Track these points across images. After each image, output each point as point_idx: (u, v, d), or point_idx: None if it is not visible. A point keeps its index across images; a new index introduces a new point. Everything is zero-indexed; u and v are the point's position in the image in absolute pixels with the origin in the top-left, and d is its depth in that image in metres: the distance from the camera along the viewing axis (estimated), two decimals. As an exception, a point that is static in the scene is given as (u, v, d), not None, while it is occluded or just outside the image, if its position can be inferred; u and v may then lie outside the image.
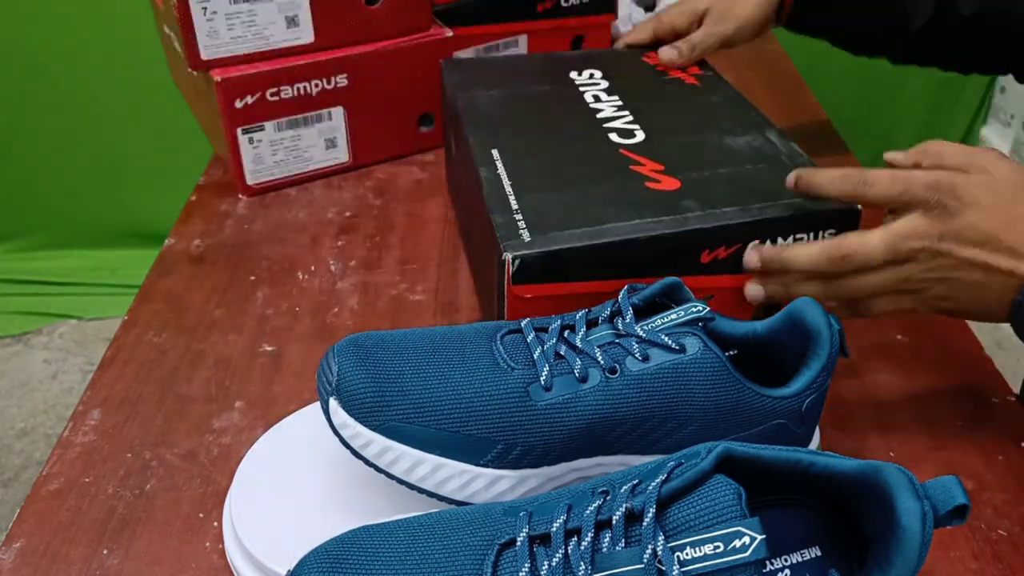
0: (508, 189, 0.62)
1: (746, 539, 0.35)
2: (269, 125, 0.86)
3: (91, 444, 0.60)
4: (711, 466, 0.37)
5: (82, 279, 2.07)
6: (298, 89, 0.85)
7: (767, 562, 0.41)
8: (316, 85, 0.86)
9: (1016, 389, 0.65)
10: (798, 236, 0.60)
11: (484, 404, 0.47)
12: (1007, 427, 0.60)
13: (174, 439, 0.60)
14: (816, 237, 0.60)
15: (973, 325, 0.71)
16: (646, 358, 0.48)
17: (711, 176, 0.63)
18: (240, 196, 0.89)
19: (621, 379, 0.47)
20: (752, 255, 0.58)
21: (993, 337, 1.85)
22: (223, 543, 0.52)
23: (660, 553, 0.35)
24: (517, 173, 0.64)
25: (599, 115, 0.73)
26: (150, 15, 0.97)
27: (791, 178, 0.59)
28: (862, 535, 0.40)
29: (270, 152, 0.87)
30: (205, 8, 0.80)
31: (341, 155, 0.92)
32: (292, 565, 0.41)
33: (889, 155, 0.54)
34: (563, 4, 1.03)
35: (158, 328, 0.71)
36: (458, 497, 0.48)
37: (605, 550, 0.36)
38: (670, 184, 0.62)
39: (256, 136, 0.86)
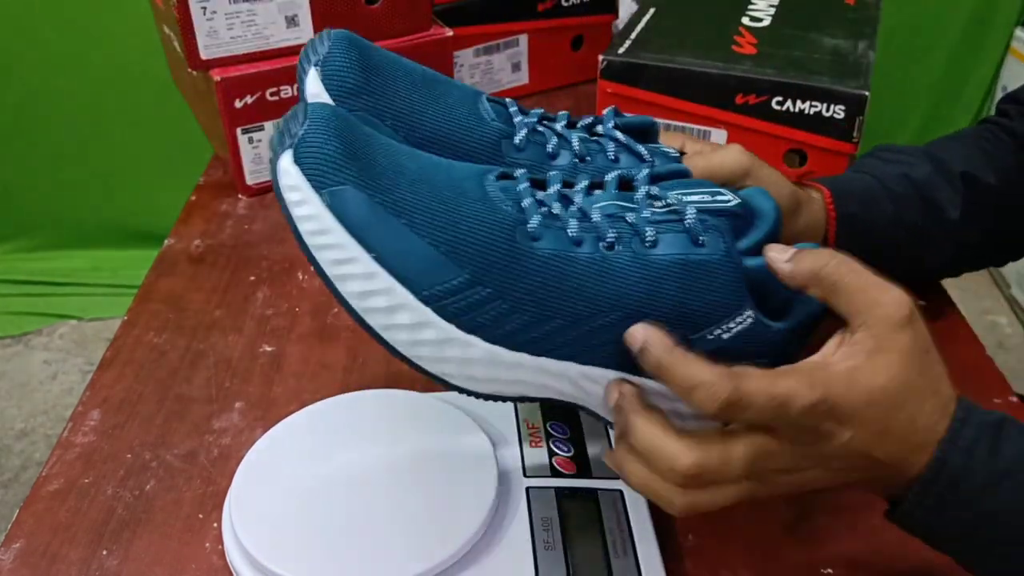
0: (643, 23, 0.88)
1: (728, 196, 0.44)
2: (269, 125, 0.86)
3: (91, 445, 0.60)
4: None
5: (82, 279, 2.07)
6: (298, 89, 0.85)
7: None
8: (316, 85, 0.86)
9: (1018, 389, 0.65)
10: (813, 104, 0.76)
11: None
12: (1008, 427, 0.60)
13: (174, 440, 0.60)
14: (828, 110, 0.76)
15: (973, 324, 0.71)
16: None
17: (783, 53, 0.82)
18: (240, 196, 0.89)
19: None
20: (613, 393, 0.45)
21: (995, 337, 1.85)
22: (223, 544, 0.52)
23: (652, 191, 0.44)
24: (658, 15, 0.91)
25: (751, 4, 0.94)
26: (150, 15, 0.97)
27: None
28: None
29: (270, 152, 0.87)
30: (205, 8, 0.80)
31: (341, 155, 0.91)
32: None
33: (772, 255, 0.43)
34: (563, 4, 1.03)
35: (158, 329, 0.70)
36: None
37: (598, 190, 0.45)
38: (749, 51, 0.83)
39: (256, 136, 0.86)
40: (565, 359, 0.43)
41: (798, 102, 0.78)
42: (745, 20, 0.90)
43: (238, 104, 0.83)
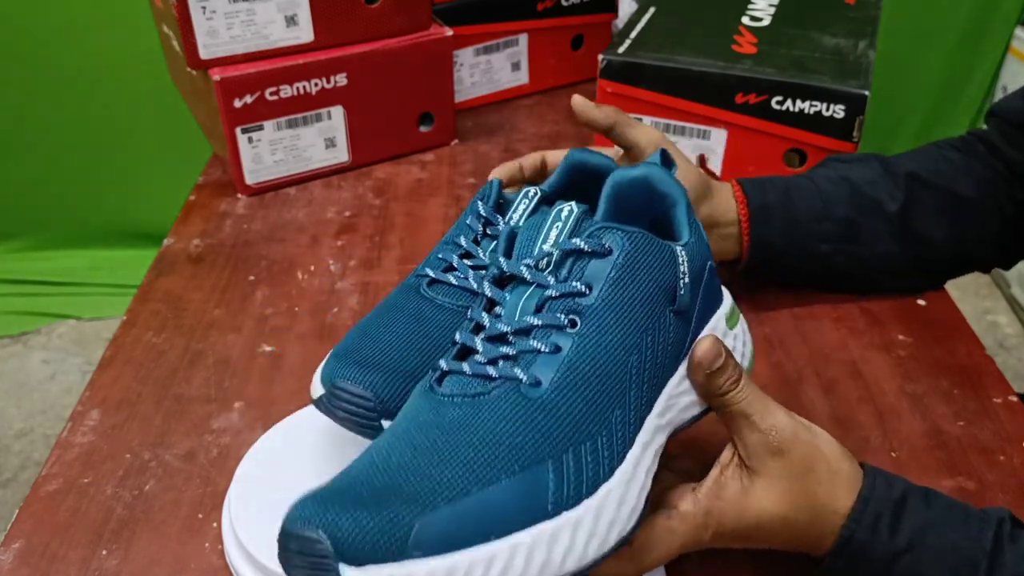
0: (643, 22, 0.89)
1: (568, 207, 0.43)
2: (268, 124, 0.86)
3: (90, 445, 0.60)
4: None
5: (81, 279, 2.06)
6: (297, 88, 0.85)
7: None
8: (315, 84, 0.86)
9: (1017, 388, 0.65)
10: (813, 104, 0.77)
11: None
12: (1009, 427, 0.60)
13: (173, 440, 0.60)
14: (828, 109, 0.76)
15: (973, 324, 0.71)
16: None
17: (783, 53, 0.83)
18: (239, 196, 0.89)
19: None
20: None
21: (994, 337, 1.85)
22: (222, 544, 0.52)
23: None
24: (658, 15, 0.92)
25: (750, 4, 0.95)
26: (149, 15, 0.97)
27: None
28: None
29: (269, 152, 0.87)
30: (204, 7, 0.80)
31: (341, 155, 0.91)
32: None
33: (701, 355, 0.44)
34: (563, 3, 1.03)
35: (157, 328, 0.70)
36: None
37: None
38: (749, 50, 0.83)
39: (255, 135, 0.86)
40: None
41: (798, 101, 0.78)
42: (745, 19, 0.90)
43: (237, 103, 0.83)
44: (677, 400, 0.44)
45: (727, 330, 0.48)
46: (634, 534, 0.41)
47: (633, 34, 0.87)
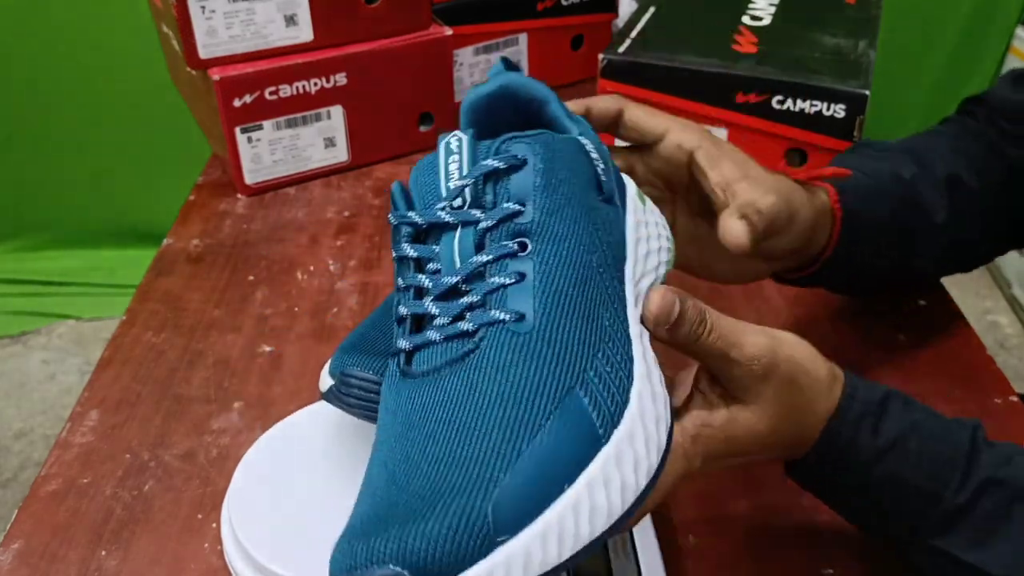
0: (643, 22, 0.89)
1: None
2: (268, 124, 0.86)
3: (89, 445, 0.60)
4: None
5: (80, 279, 2.06)
6: (297, 88, 0.85)
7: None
8: (315, 84, 0.86)
9: (1018, 388, 0.64)
10: (814, 103, 0.77)
11: None
12: (1009, 427, 0.60)
13: (172, 440, 0.60)
14: (828, 108, 0.76)
15: (973, 324, 0.71)
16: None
17: (784, 52, 0.82)
18: (239, 196, 0.88)
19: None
20: None
21: (995, 337, 1.85)
22: (221, 544, 0.51)
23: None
24: (659, 14, 0.91)
25: (751, 3, 0.94)
26: (148, 14, 0.97)
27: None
28: None
29: (269, 151, 0.87)
30: (203, 7, 0.80)
31: (340, 154, 0.91)
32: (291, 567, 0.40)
33: (655, 311, 0.41)
34: (563, 3, 1.03)
35: (156, 328, 0.70)
36: None
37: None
38: (749, 49, 0.83)
39: (255, 135, 0.86)
40: None
41: (798, 101, 0.77)
42: (745, 19, 0.90)
43: (237, 103, 0.83)
44: (639, 285, 0.42)
45: (641, 206, 0.45)
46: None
47: (633, 34, 0.86)
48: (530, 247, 0.37)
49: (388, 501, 0.33)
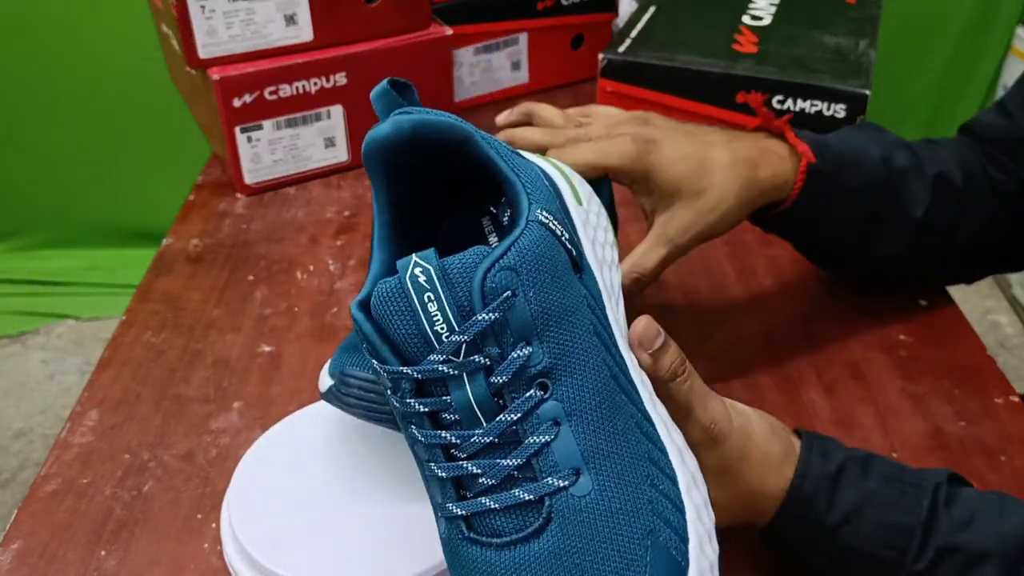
0: (643, 21, 0.90)
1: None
2: (268, 124, 0.86)
3: (89, 445, 0.60)
4: None
5: (80, 279, 2.06)
6: (297, 88, 0.85)
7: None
8: (315, 84, 0.86)
9: (1018, 388, 0.64)
10: (814, 103, 0.78)
11: None
12: (1010, 427, 0.60)
13: (172, 440, 0.60)
14: (829, 108, 0.77)
15: (974, 324, 0.71)
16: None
17: (784, 52, 0.83)
18: (238, 195, 0.88)
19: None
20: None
21: (995, 337, 1.85)
22: (221, 544, 0.51)
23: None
24: (659, 14, 0.92)
25: (751, 3, 0.95)
26: (148, 14, 0.97)
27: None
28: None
29: (268, 151, 0.87)
30: (203, 7, 0.79)
31: (340, 154, 0.91)
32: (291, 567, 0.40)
33: (640, 334, 0.42)
34: (563, 2, 1.03)
35: (156, 328, 0.70)
36: None
37: None
38: (750, 49, 0.84)
39: (255, 135, 0.85)
40: None
41: (799, 100, 0.77)
42: (746, 19, 0.90)
43: (237, 103, 0.83)
44: (619, 320, 0.41)
45: (579, 207, 0.43)
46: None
47: (633, 33, 0.86)
48: (551, 388, 0.35)
49: None
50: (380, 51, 0.88)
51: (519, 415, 0.34)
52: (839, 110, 0.76)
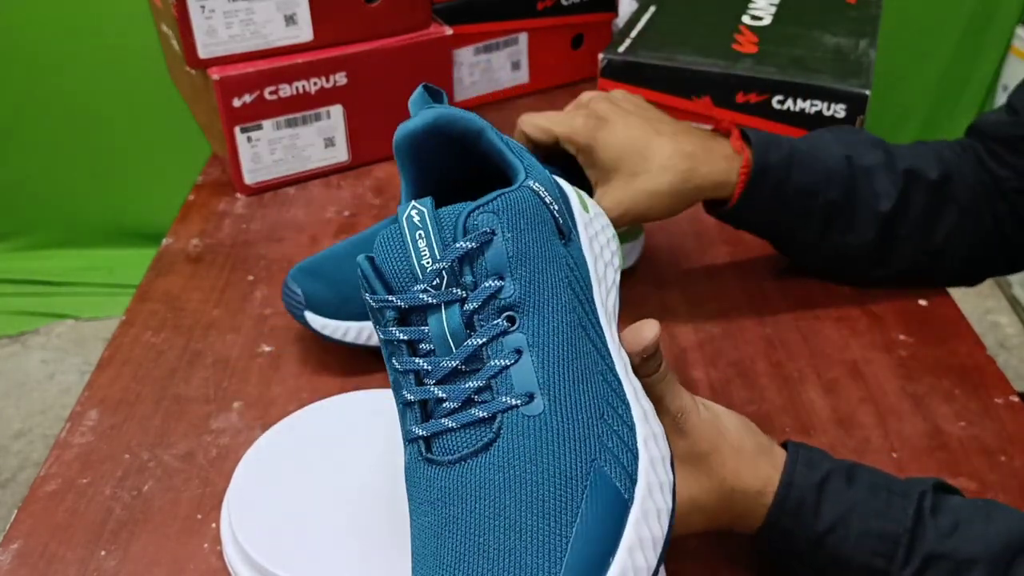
0: (643, 21, 0.90)
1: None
2: (267, 124, 0.86)
3: (89, 445, 0.60)
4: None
5: (79, 279, 2.06)
6: (297, 88, 0.85)
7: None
8: (315, 83, 0.86)
9: (1018, 388, 0.64)
10: (814, 103, 0.78)
11: None
12: (1010, 427, 0.60)
13: (172, 440, 0.60)
14: (829, 108, 0.77)
15: (974, 324, 0.71)
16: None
17: (784, 52, 0.83)
18: (238, 195, 0.88)
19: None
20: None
21: (996, 337, 1.85)
22: (221, 544, 0.51)
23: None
24: (659, 14, 0.93)
25: (751, 3, 0.95)
26: (148, 14, 0.97)
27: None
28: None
29: (268, 151, 0.87)
30: (203, 6, 0.79)
31: (340, 154, 0.91)
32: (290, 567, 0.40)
33: (636, 343, 0.44)
34: (563, 2, 1.03)
35: (156, 328, 0.70)
36: None
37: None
38: (750, 49, 0.84)
39: (254, 135, 0.85)
40: None
41: (799, 101, 0.78)
42: (746, 19, 0.90)
43: (237, 103, 0.83)
44: (607, 304, 0.43)
45: (587, 215, 0.46)
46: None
47: (633, 33, 0.86)
48: (518, 321, 0.38)
49: None
50: (380, 51, 0.88)
51: (484, 339, 0.37)
52: (839, 110, 0.76)
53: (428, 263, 0.38)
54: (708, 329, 0.69)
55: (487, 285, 0.38)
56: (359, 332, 0.64)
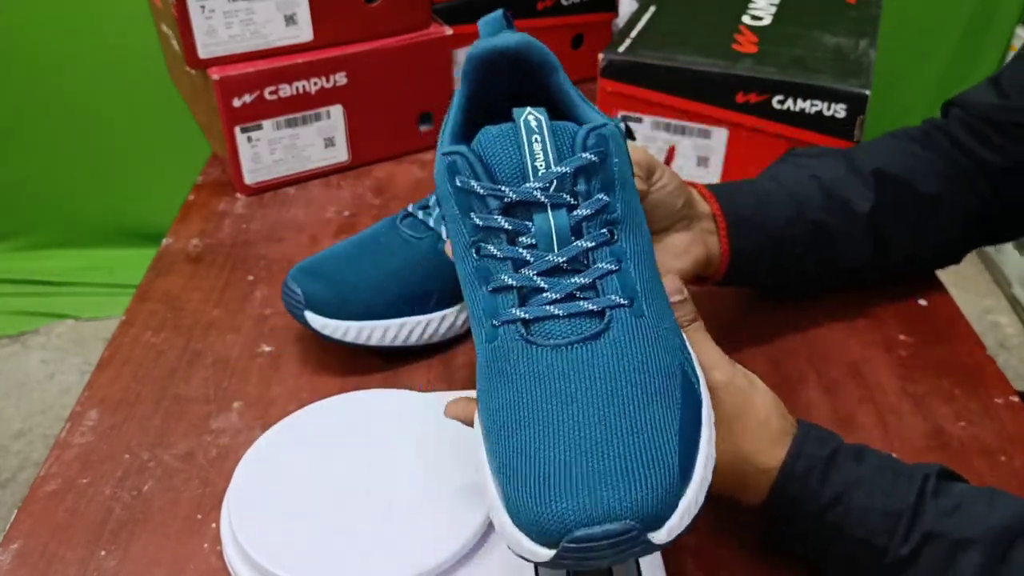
0: (643, 21, 0.89)
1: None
2: (267, 124, 0.86)
3: (89, 445, 0.60)
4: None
5: (79, 279, 2.06)
6: (297, 88, 0.85)
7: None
8: (315, 83, 0.86)
9: (1018, 388, 0.64)
10: (814, 103, 0.77)
11: (412, 268, 0.64)
12: (1010, 427, 0.60)
13: (172, 440, 0.60)
14: (829, 108, 0.77)
15: (974, 324, 0.71)
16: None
17: (784, 52, 0.82)
18: (238, 195, 0.88)
19: None
20: None
21: (995, 337, 1.85)
22: (221, 544, 0.51)
23: None
24: (659, 14, 0.92)
25: (751, 3, 0.95)
26: (148, 14, 0.97)
27: None
28: None
29: (268, 151, 0.87)
30: (203, 7, 0.79)
31: (340, 154, 0.91)
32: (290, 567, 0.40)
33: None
34: (563, 2, 1.03)
35: (156, 328, 0.70)
36: (421, 343, 0.65)
37: None
38: (750, 49, 0.83)
39: (254, 135, 0.85)
40: None
41: (799, 101, 0.77)
42: (746, 19, 0.90)
43: (237, 103, 0.83)
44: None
45: (626, 152, 0.49)
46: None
47: (633, 33, 0.86)
48: (617, 236, 0.41)
49: (578, 463, 0.36)
50: (380, 51, 0.88)
51: (592, 244, 0.40)
52: (839, 110, 0.76)
53: (541, 166, 0.40)
54: (708, 329, 0.69)
55: (599, 198, 0.40)
56: (359, 332, 0.63)
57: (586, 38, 1.07)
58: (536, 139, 0.40)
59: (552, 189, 0.40)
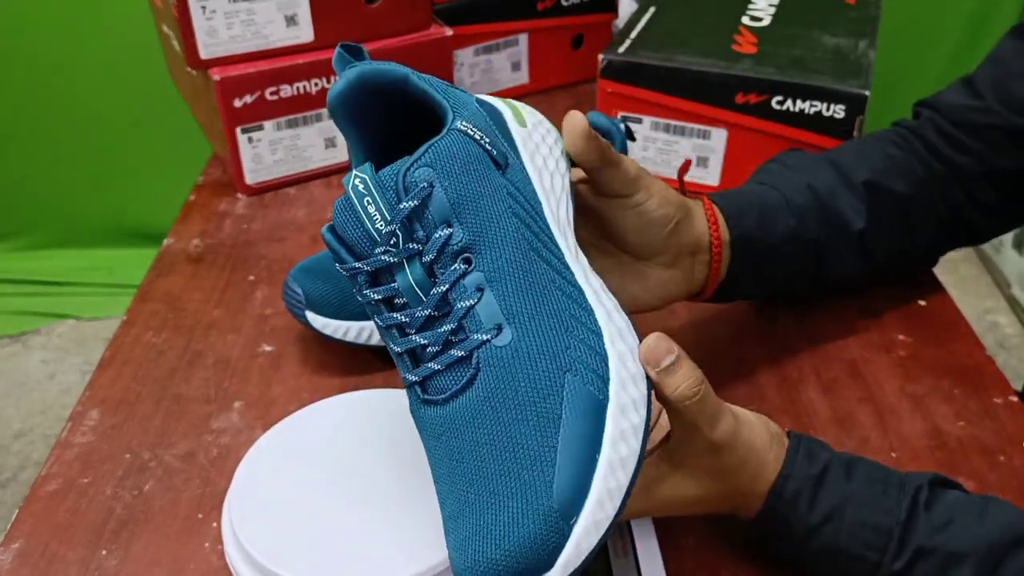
0: (643, 22, 0.89)
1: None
2: (268, 124, 0.86)
3: (89, 445, 0.60)
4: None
5: (80, 279, 2.06)
6: (297, 88, 0.85)
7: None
8: (315, 84, 0.86)
9: (1018, 388, 0.64)
10: (813, 104, 0.77)
11: None
12: (1009, 427, 0.60)
13: (173, 440, 0.60)
14: (828, 109, 0.77)
15: (974, 324, 0.71)
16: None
17: (783, 52, 0.82)
18: (239, 196, 0.88)
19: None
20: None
21: (995, 337, 1.85)
22: (222, 544, 0.51)
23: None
24: (659, 14, 0.91)
25: (751, 4, 0.94)
26: (149, 14, 0.97)
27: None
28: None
29: (269, 151, 0.87)
30: (204, 7, 0.80)
31: (340, 154, 0.91)
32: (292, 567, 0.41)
33: (646, 353, 0.42)
34: (563, 3, 1.03)
35: (156, 328, 0.70)
36: None
37: None
38: (749, 50, 0.83)
39: (255, 135, 0.86)
40: None
41: (798, 101, 0.78)
42: (745, 19, 0.90)
43: (237, 103, 0.83)
44: (558, 215, 0.45)
45: (523, 129, 0.47)
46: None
47: (633, 34, 0.86)
48: (474, 261, 0.41)
49: (467, 520, 0.38)
50: (380, 51, 0.88)
51: (447, 285, 0.40)
52: (839, 110, 0.76)
53: (381, 226, 0.40)
54: (708, 329, 0.69)
55: (437, 235, 0.40)
56: (360, 331, 0.64)
57: (586, 39, 1.07)
58: (368, 201, 0.40)
59: (400, 245, 0.40)
